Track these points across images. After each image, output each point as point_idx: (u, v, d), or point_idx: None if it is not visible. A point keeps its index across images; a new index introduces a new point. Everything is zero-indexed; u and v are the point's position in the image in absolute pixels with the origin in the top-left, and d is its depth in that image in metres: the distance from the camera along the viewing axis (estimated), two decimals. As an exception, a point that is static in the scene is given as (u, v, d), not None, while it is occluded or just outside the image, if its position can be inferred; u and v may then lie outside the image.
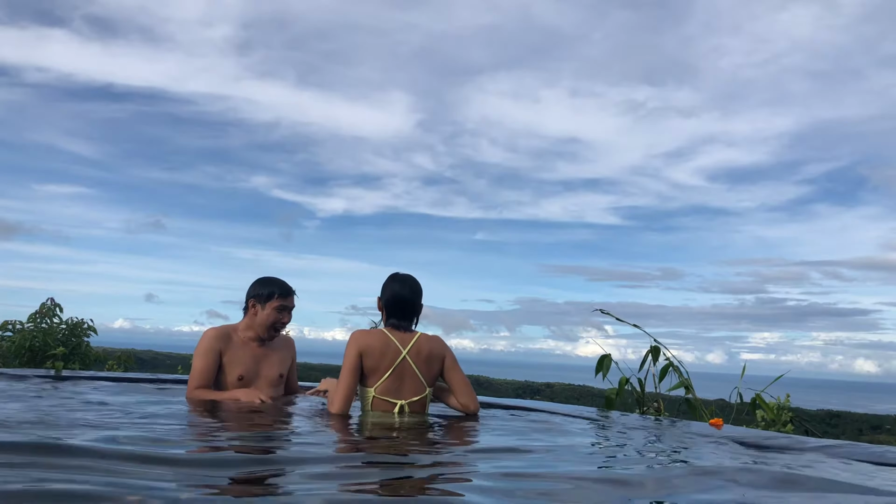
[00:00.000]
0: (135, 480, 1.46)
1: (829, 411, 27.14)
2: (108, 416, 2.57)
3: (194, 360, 3.29)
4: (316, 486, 1.55)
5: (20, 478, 1.39)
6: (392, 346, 2.95)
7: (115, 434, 2.06)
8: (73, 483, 1.36)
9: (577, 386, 31.46)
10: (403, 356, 2.94)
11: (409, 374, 2.96)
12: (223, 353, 3.28)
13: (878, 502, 1.71)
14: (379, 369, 2.93)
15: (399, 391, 2.95)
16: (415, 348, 2.98)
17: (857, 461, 2.52)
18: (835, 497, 1.77)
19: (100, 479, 1.43)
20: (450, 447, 2.38)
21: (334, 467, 1.82)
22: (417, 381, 2.98)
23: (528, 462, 2.08)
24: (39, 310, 6.05)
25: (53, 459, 1.59)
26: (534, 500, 1.53)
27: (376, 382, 2.93)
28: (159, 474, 1.54)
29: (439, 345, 3.07)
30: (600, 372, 4.34)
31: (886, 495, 1.80)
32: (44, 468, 1.50)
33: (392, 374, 2.93)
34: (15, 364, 5.76)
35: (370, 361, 2.92)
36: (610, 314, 4.55)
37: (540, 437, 2.73)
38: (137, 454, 1.73)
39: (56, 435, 2.02)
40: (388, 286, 3.09)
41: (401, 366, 2.94)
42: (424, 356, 2.99)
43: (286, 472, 1.73)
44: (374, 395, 2.93)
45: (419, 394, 2.98)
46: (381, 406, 2.94)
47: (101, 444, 1.83)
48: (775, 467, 2.19)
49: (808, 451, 2.70)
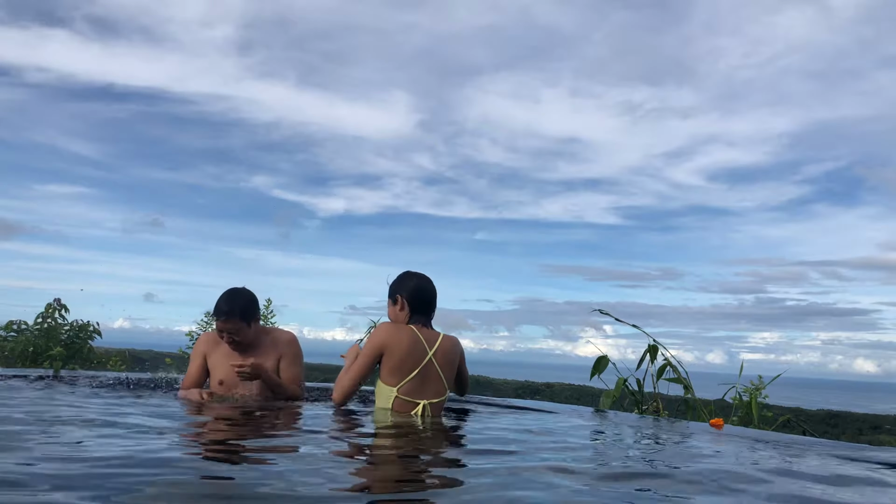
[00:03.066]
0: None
1: (828, 411, 27.12)
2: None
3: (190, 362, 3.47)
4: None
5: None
6: (420, 345, 2.86)
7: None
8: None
9: (577, 386, 31.42)
10: (430, 357, 2.87)
11: (433, 376, 2.89)
12: (208, 356, 3.38)
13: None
14: (404, 368, 2.83)
15: (422, 392, 2.87)
16: (440, 349, 2.91)
17: (855, 461, 2.53)
18: (835, 497, 1.77)
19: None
20: (446, 447, 2.39)
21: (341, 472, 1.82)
22: (440, 383, 2.92)
23: (526, 463, 2.08)
24: (45, 310, 6.05)
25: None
26: (531, 501, 1.54)
27: (400, 382, 2.84)
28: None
29: (459, 347, 3.04)
30: (596, 374, 4.34)
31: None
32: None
33: (417, 375, 2.84)
34: (17, 364, 5.77)
35: (395, 360, 2.83)
36: (609, 314, 4.55)
37: (539, 438, 2.73)
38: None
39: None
40: (408, 281, 3.02)
41: (426, 367, 2.87)
42: (448, 358, 2.94)
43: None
44: (397, 394, 2.84)
45: (440, 395, 2.93)
46: (402, 406, 2.85)
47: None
48: (774, 467, 2.19)
49: (808, 451, 2.71)
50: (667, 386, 4.38)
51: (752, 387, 4.46)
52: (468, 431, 2.81)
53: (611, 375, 4.42)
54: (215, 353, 3.36)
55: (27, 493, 1.32)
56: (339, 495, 1.49)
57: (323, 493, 1.48)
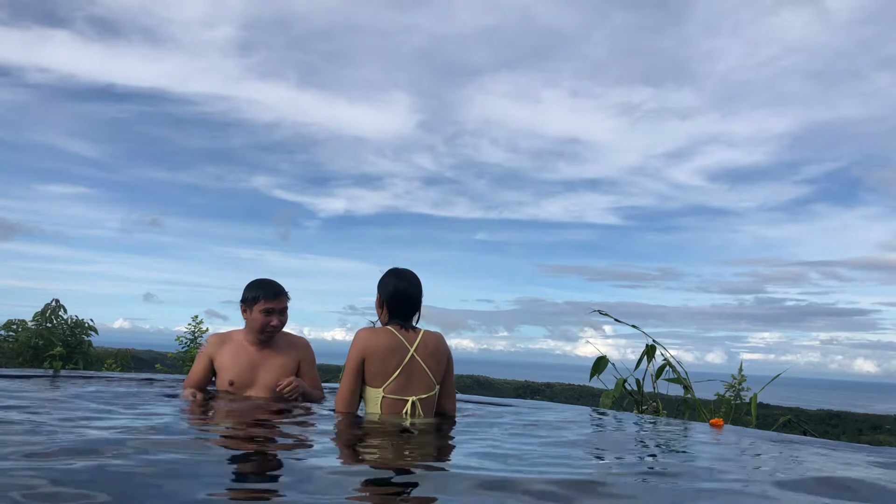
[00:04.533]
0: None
1: (828, 411, 27.15)
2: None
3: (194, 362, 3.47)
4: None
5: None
6: (400, 344, 2.85)
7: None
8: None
9: (577, 386, 31.45)
10: (411, 354, 2.85)
11: (418, 372, 2.87)
12: (215, 358, 3.35)
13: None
14: (387, 370, 2.83)
15: (408, 388, 2.85)
16: (421, 345, 2.88)
17: (855, 462, 2.53)
18: (835, 497, 1.77)
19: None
20: (442, 450, 2.39)
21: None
22: (427, 379, 2.90)
23: (524, 463, 2.08)
24: (43, 310, 6.05)
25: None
26: (529, 501, 1.54)
27: (384, 383, 2.83)
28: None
29: (443, 342, 3.01)
30: (595, 375, 4.33)
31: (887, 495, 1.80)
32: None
33: (401, 373, 2.83)
34: (16, 363, 5.77)
35: (376, 364, 2.82)
36: (608, 315, 4.55)
37: (538, 438, 2.73)
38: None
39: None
40: (388, 281, 2.98)
41: (409, 364, 2.85)
42: (431, 352, 2.91)
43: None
44: (384, 394, 2.83)
45: (429, 391, 2.90)
46: (390, 406, 2.83)
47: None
48: (774, 468, 2.19)
49: (808, 451, 2.71)
50: (666, 386, 4.39)
51: (735, 383, 4.43)
52: (465, 432, 2.81)
53: (611, 376, 4.43)
54: (223, 354, 3.34)
55: (27, 494, 1.32)
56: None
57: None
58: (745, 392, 4.43)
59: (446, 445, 2.43)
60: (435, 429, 2.73)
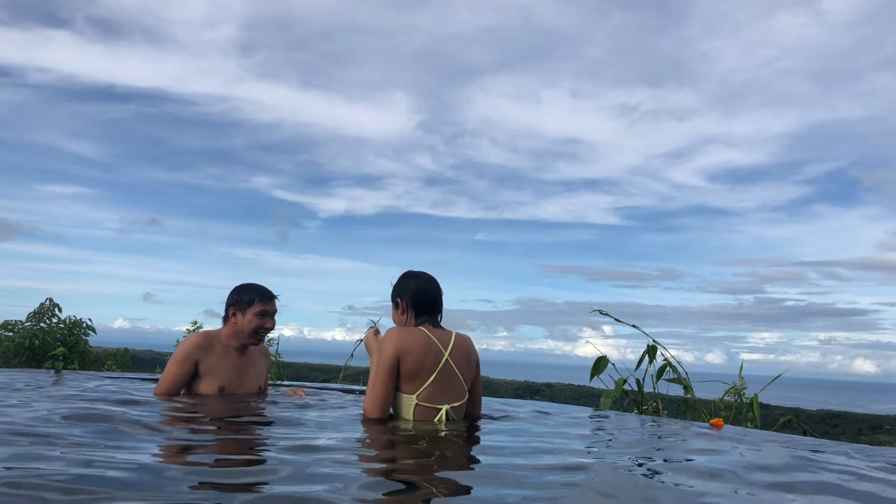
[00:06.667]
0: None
1: (828, 411, 27.17)
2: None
3: (169, 365, 3.18)
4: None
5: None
6: (434, 347, 2.71)
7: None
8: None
9: (577, 386, 31.46)
10: (446, 359, 2.72)
11: (452, 378, 2.73)
12: (201, 362, 3.18)
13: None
14: (421, 374, 2.67)
15: (442, 396, 2.71)
16: (455, 349, 2.75)
17: (855, 462, 2.52)
18: (834, 498, 1.77)
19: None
20: (448, 453, 2.38)
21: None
22: (460, 385, 2.77)
23: (523, 463, 2.08)
24: (38, 309, 6.05)
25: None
26: (532, 502, 1.53)
27: (418, 388, 2.68)
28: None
29: (473, 345, 2.89)
30: (596, 375, 4.33)
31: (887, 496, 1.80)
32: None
33: (435, 380, 2.68)
34: (14, 363, 5.77)
35: (411, 365, 2.66)
36: (608, 315, 4.54)
37: (537, 438, 2.73)
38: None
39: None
40: (407, 283, 2.88)
41: (444, 369, 2.71)
42: (465, 358, 2.79)
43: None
44: (417, 401, 2.68)
45: (461, 398, 2.78)
46: (423, 413, 2.69)
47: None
48: (775, 468, 2.19)
49: (808, 451, 2.70)
50: (666, 386, 4.38)
51: (738, 388, 4.43)
52: (475, 435, 2.80)
53: (610, 376, 4.42)
54: (210, 359, 3.20)
55: (27, 493, 1.31)
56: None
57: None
58: (746, 391, 4.42)
59: (471, 454, 2.41)
60: (463, 436, 2.58)
